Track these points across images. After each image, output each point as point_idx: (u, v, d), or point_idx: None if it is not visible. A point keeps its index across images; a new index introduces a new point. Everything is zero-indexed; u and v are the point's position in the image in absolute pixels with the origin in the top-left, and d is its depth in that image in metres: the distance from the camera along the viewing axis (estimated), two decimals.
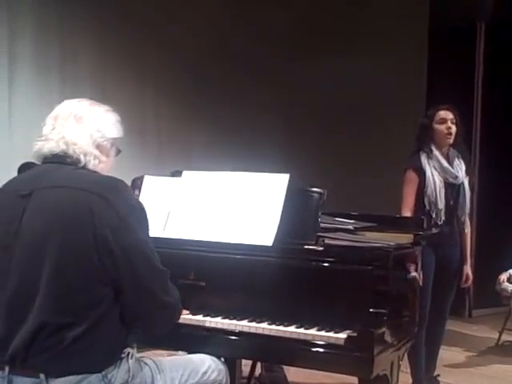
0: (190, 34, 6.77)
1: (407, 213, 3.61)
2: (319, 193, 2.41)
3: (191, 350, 2.17)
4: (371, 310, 2.09)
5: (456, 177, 3.64)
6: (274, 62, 7.09)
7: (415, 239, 2.61)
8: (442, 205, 3.58)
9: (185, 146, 6.85)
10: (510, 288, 4.00)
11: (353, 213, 2.90)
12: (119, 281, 1.80)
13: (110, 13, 6.48)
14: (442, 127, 3.65)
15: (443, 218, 3.59)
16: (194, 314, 2.26)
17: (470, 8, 6.67)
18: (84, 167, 1.89)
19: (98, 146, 1.93)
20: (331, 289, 2.20)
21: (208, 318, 2.23)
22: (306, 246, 2.28)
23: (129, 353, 1.90)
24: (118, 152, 2.06)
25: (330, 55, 7.07)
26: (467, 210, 3.73)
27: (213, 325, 2.21)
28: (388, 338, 2.14)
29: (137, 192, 2.62)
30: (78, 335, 1.75)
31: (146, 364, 1.96)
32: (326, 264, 2.23)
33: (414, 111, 7.49)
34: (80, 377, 1.77)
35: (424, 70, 7.48)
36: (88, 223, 1.75)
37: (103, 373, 1.81)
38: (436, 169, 3.61)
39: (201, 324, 2.22)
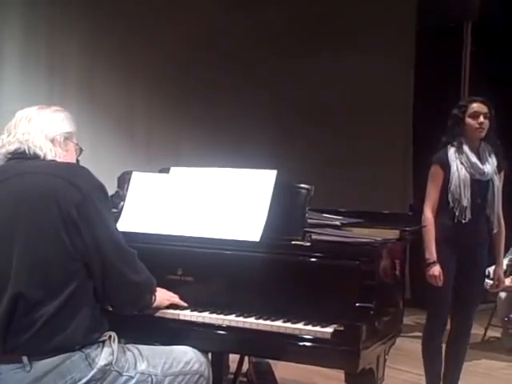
0: (179, 34, 6.77)
1: (429, 209, 3.42)
2: (306, 189, 2.43)
3: (178, 345, 2.17)
4: (358, 304, 2.11)
5: (484, 173, 3.39)
6: (263, 62, 7.11)
7: (401, 235, 2.63)
8: (466, 202, 3.36)
9: (174, 146, 6.85)
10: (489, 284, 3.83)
11: (340, 209, 2.92)
12: (87, 257, 1.88)
13: (99, 12, 6.47)
14: (474, 121, 3.40)
15: (469, 216, 3.36)
16: (181, 309, 2.27)
17: (457, 7, 6.70)
18: (43, 160, 2.00)
19: (52, 140, 2.04)
20: (318, 284, 2.21)
21: (195, 313, 2.24)
22: (294, 242, 2.30)
23: (111, 336, 1.96)
24: (80, 150, 2.17)
25: (318, 55, 7.10)
26: (496, 209, 3.46)
27: (200, 319, 2.22)
28: (374, 332, 2.15)
29: (125, 186, 2.63)
30: (53, 311, 1.81)
31: (128, 350, 2.01)
32: (313, 259, 2.25)
33: (402, 109, 7.55)
34: (63, 356, 1.82)
35: (411, 68, 7.53)
36: (53, 202, 1.85)
37: (86, 352, 1.86)
38: (463, 164, 3.39)
39: (188, 319, 2.23)
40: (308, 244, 2.30)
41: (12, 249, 1.84)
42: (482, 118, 3.40)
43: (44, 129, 2.03)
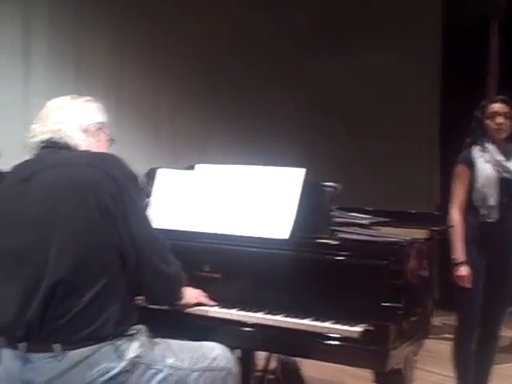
0: (206, 32, 6.80)
1: (456, 209, 3.37)
2: (334, 187, 2.42)
3: (205, 341, 2.18)
4: (386, 304, 2.10)
5: (510, 170, 3.32)
6: (291, 61, 7.12)
7: (430, 235, 2.61)
8: (493, 201, 3.28)
9: (199, 144, 6.87)
10: None
11: (368, 208, 2.91)
12: (121, 247, 1.89)
13: (126, 10, 6.52)
14: (493, 122, 3.35)
15: (496, 215, 3.29)
16: (209, 306, 2.27)
17: (484, 6, 6.64)
18: (76, 150, 2.01)
19: (85, 130, 2.04)
20: (346, 282, 2.20)
21: (223, 310, 2.25)
22: (321, 240, 2.29)
23: (141, 329, 1.98)
24: (112, 141, 2.18)
25: (343, 54, 7.08)
26: None
27: (228, 316, 2.22)
28: (402, 332, 2.14)
29: (151, 182, 2.64)
30: (87, 301, 1.83)
31: (157, 343, 2.02)
32: (340, 258, 2.23)
33: (428, 108, 7.49)
34: (94, 347, 1.84)
35: (437, 67, 7.47)
36: (89, 193, 1.86)
37: (116, 344, 1.87)
38: (489, 162, 3.32)
39: (216, 315, 2.24)
40: (336, 242, 2.29)
41: (51, 239, 1.85)
42: (500, 119, 3.34)
43: (77, 118, 2.03)
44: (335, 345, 2.07)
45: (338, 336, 2.07)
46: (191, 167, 2.66)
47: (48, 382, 1.83)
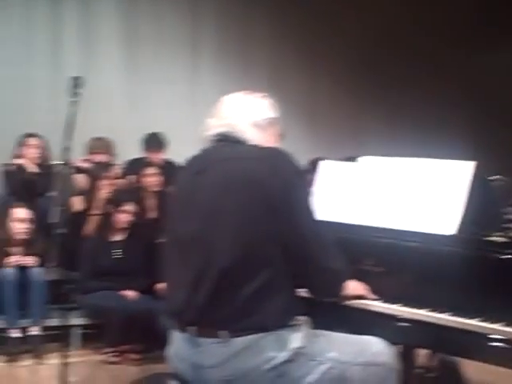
0: (360, 21, 6.75)
1: None
2: (506, 182, 2.30)
3: (366, 335, 2.16)
4: None
5: None
6: (450, 53, 6.87)
7: None
8: None
9: (357, 133, 6.84)
10: None
11: None
12: (286, 240, 1.91)
13: (285, 4, 6.62)
14: None
15: None
16: (372, 300, 2.25)
17: None
18: (246, 144, 2.06)
19: (255, 125, 2.07)
20: None
21: (386, 305, 2.22)
22: (491, 238, 2.18)
23: (304, 320, 1.99)
24: (282, 136, 2.20)
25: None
26: None
27: (390, 311, 2.19)
28: None
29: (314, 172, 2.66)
30: (253, 291, 1.87)
31: (319, 335, 2.03)
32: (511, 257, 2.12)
33: None
34: (258, 336, 1.88)
35: None
36: (257, 187, 1.90)
37: (280, 333, 1.91)
38: None
39: (378, 310, 2.21)
40: (506, 240, 2.17)
41: (219, 229, 1.92)
42: None
43: (249, 113, 2.08)
44: (504, 348, 1.97)
45: (507, 338, 1.97)
46: (351, 158, 2.64)
47: (215, 365, 1.91)
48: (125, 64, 6.20)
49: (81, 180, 5.22)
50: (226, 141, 2.06)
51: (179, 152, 5.69)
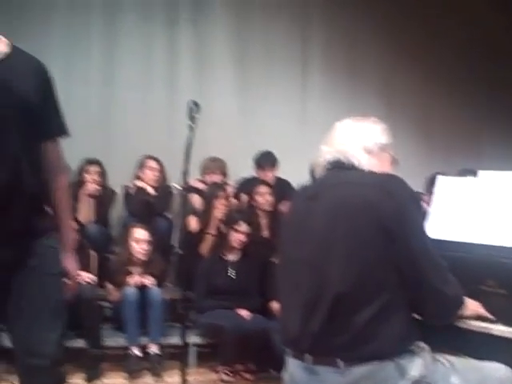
0: (465, 33, 6.58)
1: None
2: None
3: (488, 360, 2.05)
4: None
5: None
6: None
7: None
8: None
9: (474, 146, 6.60)
10: None
11: None
12: (401, 266, 1.87)
13: (397, 21, 6.53)
14: None
15: None
16: (493, 323, 2.13)
17: None
18: (359, 169, 2.05)
19: (367, 151, 2.07)
20: None
21: (509, 329, 2.09)
22: None
23: (423, 347, 1.93)
24: (395, 162, 2.18)
25: None
26: None
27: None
28: None
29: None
30: (368, 317, 1.83)
31: (439, 360, 1.95)
32: None
33: None
34: (375, 364, 1.83)
35: None
36: (370, 211, 1.88)
37: (398, 361, 1.85)
38: None
39: (501, 334, 2.09)
40: None
41: (332, 254, 1.91)
42: None
43: (361, 139, 2.08)
44: None
45: None
46: (469, 172, 2.53)
47: None
48: (237, 85, 6.31)
49: (196, 200, 5.35)
50: (339, 167, 2.06)
51: (290, 170, 5.77)
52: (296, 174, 5.95)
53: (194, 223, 5.10)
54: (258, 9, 6.35)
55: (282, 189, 5.58)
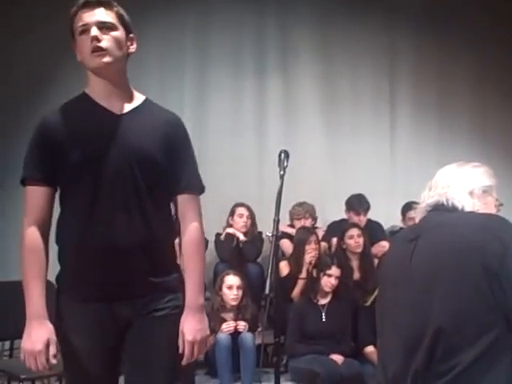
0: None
1: None
2: None
3: None
4: None
5: None
6: None
7: None
8: None
9: None
10: None
11: None
12: (507, 308, 1.82)
13: (485, 48, 6.42)
14: None
15: None
16: None
17: None
18: (461, 211, 2.05)
19: (471, 194, 2.07)
20: None
21: None
22: None
23: None
24: (500, 205, 2.17)
25: None
26: None
27: None
28: None
29: None
30: (470, 361, 1.80)
31: None
32: None
33: None
34: None
35: None
36: (475, 253, 1.86)
37: None
38: None
39: None
40: None
41: (434, 292, 1.90)
42: None
43: (463, 182, 2.09)
44: None
45: None
46: None
47: None
48: (325, 130, 6.37)
49: (286, 245, 5.41)
50: (440, 210, 2.08)
51: (379, 212, 5.73)
52: (385, 216, 5.91)
53: (284, 268, 5.15)
54: (343, 53, 6.43)
55: (373, 231, 5.56)
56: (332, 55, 6.43)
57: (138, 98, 2.19)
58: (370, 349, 4.58)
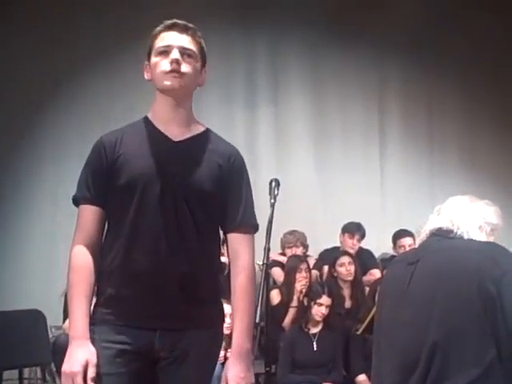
0: None
1: None
2: None
3: None
4: None
5: None
6: None
7: None
8: None
9: None
10: None
11: None
12: (497, 336, 1.85)
13: (475, 76, 6.51)
14: None
15: None
16: None
17: None
18: (461, 238, 2.11)
19: (479, 227, 2.13)
20: None
21: None
22: None
23: None
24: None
25: None
26: None
27: None
28: None
29: None
30: (475, 378, 1.83)
31: None
32: None
33: None
34: None
35: None
36: (472, 276, 1.91)
37: None
38: None
39: None
40: None
41: (431, 313, 1.94)
42: None
43: (475, 216, 2.15)
44: None
45: None
46: None
47: None
48: (315, 160, 6.43)
49: (277, 273, 5.42)
50: (443, 235, 2.13)
51: (369, 241, 5.76)
52: (376, 245, 5.95)
53: (276, 296, 5.16)
54: (333, 86, 6.52)
55: (364, 259, 5.59)
56: (322, 88, 6.52)
57: (199, 128, 2.15)
58: (361, 377, 4.59)
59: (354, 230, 5.65)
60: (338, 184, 6.32)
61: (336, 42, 6.44)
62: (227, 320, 4.71)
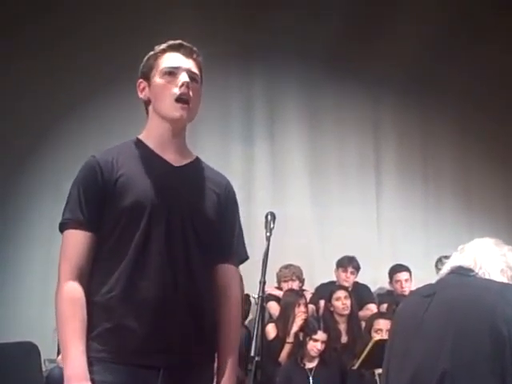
0: None
1: None
2: None
3: None
4: None
5: None
6: None
7: None
8: None
9: None
10: None
11: None
12: (504, 375, 1.84)
13: (467, 115, 6.59)
14: None
15: None
16: None
17: None
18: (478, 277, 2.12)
19: (502, 271, 2.13)
20: None
21: None
22: None
23: None
24: None
25: None
26: None
27: None
28: None
29: None
30: None
31: None
32: None
33: None
34: None
35: None
36: (485, 315, 1.92)
37: None
38: None
39: None
40: None
41: (443, 345, 1.95)
42: None
43: (497, 258, 2.14)
44: None
45: None
46: None
47: None
48: (311, 193, 6.45)
49: (273, 307, 5.40)
50: (461, 273, 2.14)
51: (367, 274, 5.75)
52: (372, 279, 5.95)
53: (272, 330, 5.13)
54: (329, 122, 6.59)
55: (360, 293, 5.58)
56: (318, 124, 6.58)
57: (192, 155, 2.11)
58: None
59: (346, 263, 5.66)
60: (334, 218, 6.33)
61: (332, 79, 6.52)
62: None
